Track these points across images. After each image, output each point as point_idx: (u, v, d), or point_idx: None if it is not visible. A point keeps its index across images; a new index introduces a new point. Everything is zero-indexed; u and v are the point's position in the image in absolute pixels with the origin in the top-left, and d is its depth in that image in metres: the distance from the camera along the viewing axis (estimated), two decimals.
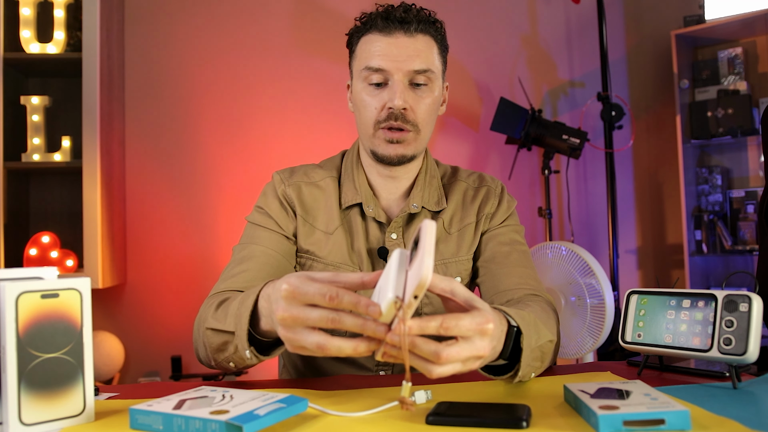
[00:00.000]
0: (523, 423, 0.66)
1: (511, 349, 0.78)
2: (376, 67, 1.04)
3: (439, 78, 1.08)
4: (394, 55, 1.03)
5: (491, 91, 2.97)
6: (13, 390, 0.67)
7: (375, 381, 0.93)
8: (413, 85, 1.05)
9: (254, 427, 0.63)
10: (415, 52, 1.04)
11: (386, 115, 1.04)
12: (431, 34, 1.07)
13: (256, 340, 0.83)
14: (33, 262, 2.28)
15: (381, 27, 1.04)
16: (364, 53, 1.06)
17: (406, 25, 1.04)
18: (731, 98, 2.80)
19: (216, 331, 0.87)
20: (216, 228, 2.68)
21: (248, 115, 2.75)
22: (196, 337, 0.96)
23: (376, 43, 1.04)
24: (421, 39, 1.05)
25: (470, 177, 1.22)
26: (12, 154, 2.29)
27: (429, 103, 1.07)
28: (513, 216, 1.20)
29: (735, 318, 0.81)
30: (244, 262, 1.06)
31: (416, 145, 1.08)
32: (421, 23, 1.05)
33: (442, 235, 1.14)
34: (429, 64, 1.05)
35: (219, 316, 0.87)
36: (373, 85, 1.06)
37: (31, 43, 2.31)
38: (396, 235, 1.11)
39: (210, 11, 2.75)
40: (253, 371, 2.59)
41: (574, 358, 2.14)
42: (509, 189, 1.25)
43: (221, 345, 0.87)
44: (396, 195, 1.15)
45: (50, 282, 0.70)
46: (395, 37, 1.04)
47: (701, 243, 2.87)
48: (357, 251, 1.11)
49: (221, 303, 0.90)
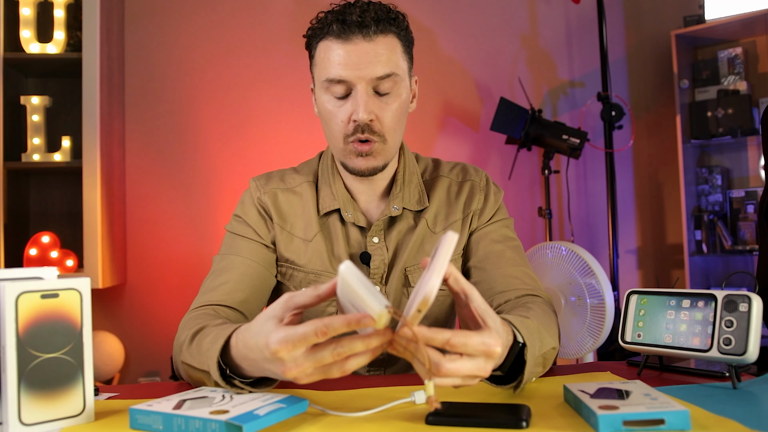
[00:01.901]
0: (522, 423, 0.66)
1: (514, 359, 0.78)
2: (337, 79, 0.98)
3: (404, 79, 1.03)
4: (354, 64, 0.97)
5: (491, 91, 2.97)
6: (13, 390, 0.67)
7: (374, 381, 0.93)
8: (378, 93, 1.00)
9: (254, 427, 0.63)
10: (376, 58, 0.97)
11: (353, 128, 1.00)
12: (392, 32, 1.00)
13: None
14: (33, 262, 2.28)
15: (338, 32, 0.98)
16: (323, 62, 1.01)
17: (364, 29, 0.97)
18: (731, 98, 2.80)
19: (191, 368, 0.83)
20: (216, 228, 2.68)
21: (248, 115, 2.75)
22: (175, 359, 0.92)
23: (335, 51, 0.98)
24: (381, 42, 0.98)
25: (453, 171, 1.16)
26: (12, 154, 2.29)
27: (395, 108, 1.01)
28: (501, 209, 1.16)
29: (735, 318, 0.81)
30: (224, 274, 1.03)
31: (385, 154, 1.03)
32: (381, 23, 0.98)
33: (427, 235, 1.11)
34: (392, 67, 0.99)
35: (193, 352, 0.83)
36: (335, 98, 1.01)
37: (31, 43, 2.31)
38: (378, 239, 1.08)
39: (210, 11, 2.75)
40: None
41: (574, 358, 2.14)
42: (509, 189, 1.23)
43: (200, 379, 0.83)
44: (374, 197, 1.11)
45: (50, 282, 0.70)
46: (354, 43, 0.97)
47: (701, 243, 2.87)
48: (338, 257, 1.08)
49: (194, 336, 0.85)
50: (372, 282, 1.08)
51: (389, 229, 1.10)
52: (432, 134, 2.93)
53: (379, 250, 1.08)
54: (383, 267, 1.08)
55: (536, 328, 0.82)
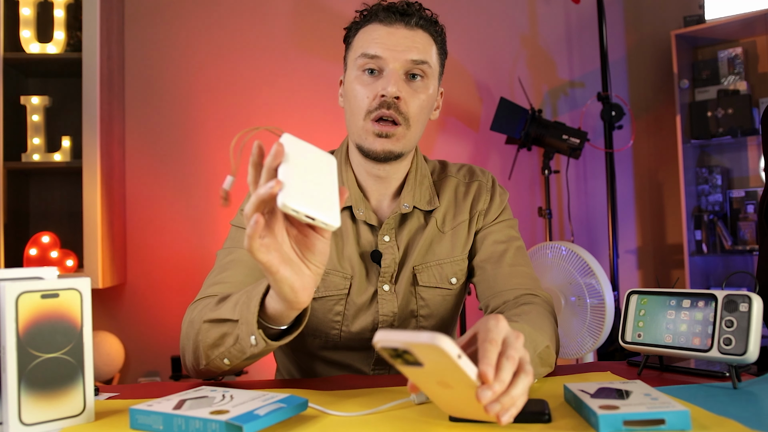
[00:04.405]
0: (545, 417, 0.66)
1: None
2: (372, 54, 1.02)
3: (434, 76, 1.06)
4: (392, 44, 1.02)
5: (491, 91, 2.97)
6: (13, 390, 0.67)
7: (374, 381, 0.93)
8: (409, 77, 1.03)
9: (254, 427, 0.63)
10: (413, 44, 1.02)
11: (378, 103, 1.01)
12: (431, 32, 1.06)
13: (262, 328, 0.81)
14: (33, 262, 2.28)
15: (382, 18, 1.04)
16: (362, 42, 1.05)
17: (407, 18, 1.03)
18: (731, 98, 2.80)
19: (215, 323, 0.85)
20: (216, 228, 2.68)
21: (248, 115, 2.75)
22: (184, 342, 0.93)
23: (375, 32, 1.03)
24: (420, 34, 1.04)
25: (460, 172, 1.18)
26: (12, 154, 2.29)
27: (423, 99, 1.04)
28: (506, 210, 1.17)
29: (735, 318, 0.81)
30: (229, 268, 1.02)
31: (405, 142, 1.04)
32: (422, 20, 1.04)
33: (436, 234, 1.12)
34: (426, 56, 1.03)
35: (220, 309, 0.85)
36: (367, 73, 1.03)
37: (31, 43, 2.31)
38: (389, 237, 1.09)
39: (210, 11, 2.76)
40: (253, 371, 2.59)
41: (574, 358, 2.14)
42: (509, 189, 1.24)
43: (218, 339, 0.85)
44: (386, 196, 1.11)
45: (50, 282, 0.70)
46: (395, 27, 1.03)
47: (701, 243, 2.87)
48: (348, 257, 1.08)
49: (222, 299, 0.88)
50: (382, 281, 1.08)
51: (400, 228, 1.11)
52: (432, 134, 2.93)
53: (390, 249, 1.09)
54: (394, 266, 1.08)
55: (527, 331, 0.82)
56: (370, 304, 1.08)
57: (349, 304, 1.08)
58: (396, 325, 1.08)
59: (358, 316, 1.08)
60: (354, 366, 1.11)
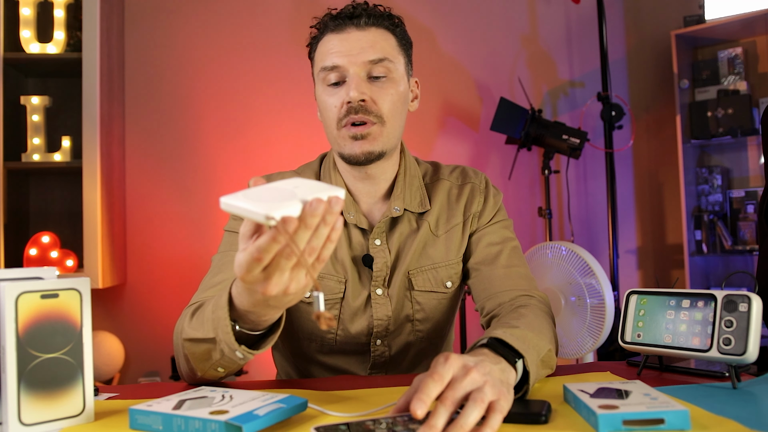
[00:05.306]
0: (542, 418, 0.66)
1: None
2: (330, 66, 1.02)
3: (399, 70, 1.05)
4: (346, 50, 1.01)
5: (491, 91, 2.97)
6: (13, 390, 0.67)
7: (373, 381, 0.93)
8: (372, 78, 1.02)
9: (254, 427, 0.63)
10: (368, 44, 1.01)
11: (346, 110, 1.01)
12: (385, 26, 1.04)
13: (243, 337, 0.80)
14: (33, 262, 2.28)
15: (332, 27, 1.03)
16: (320, 55, 1.05)
17: (356, 19, 1.02)
18: (731, 98, 2.80)
19: (195, 341, 0.84)
20: (216, 228, 2.68)
21: (248, 115, 2.75)
22: (176, 351, 0.92)
23: (330, 43, 1.03)
24: (373, 31, 1.03)
25: (453, 174, 1.17)
26: (12, 154, 2.29)
27: (392, 93, 1.03)
28: (501, 211, 1.16)
29: (734, 318, 0.81)
30: (223, 272, 1.02)
31: (383, 140, 1.03)
32: (372, 17, 1.03)
33: (429, 238, 1.10)
34: (384, 53, 1.02)
35: (195, 325, 0.84)
36: (331, 86, 1.03)
37: (31, 43, 2.31)
38: (380, 241, 1.08)
39: (210, 11, 2.75)
40: (253, 371, 2.59)
41: (574, 358, 2.14)
42: (509, 189, 1.23)
43: (204, 354, 0.83)
44: (376, 198, 1.10)
45: (50, 282, 0.70)
46: (347, 32, 1.02)
47: (701, 243, 2.87)
48: (340, 260, 1.07)
49: (194, 312, 0.87)
50: (375, 285, 1.08)
51: (391, 232, 1.10)
52: (432, 134, 2.93)
53: (382, 253, 1.08)
54: (386, 269, 1.08)
55: (529, 338, 0.82)
56: (365, 308, 1.08)
57: (345, 307, 1.07)
58: (391, 329, 1.08)
59: (353, 320, 1.07)
60: (350, 370, 1.10)
